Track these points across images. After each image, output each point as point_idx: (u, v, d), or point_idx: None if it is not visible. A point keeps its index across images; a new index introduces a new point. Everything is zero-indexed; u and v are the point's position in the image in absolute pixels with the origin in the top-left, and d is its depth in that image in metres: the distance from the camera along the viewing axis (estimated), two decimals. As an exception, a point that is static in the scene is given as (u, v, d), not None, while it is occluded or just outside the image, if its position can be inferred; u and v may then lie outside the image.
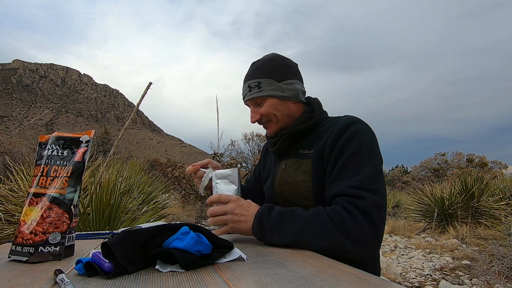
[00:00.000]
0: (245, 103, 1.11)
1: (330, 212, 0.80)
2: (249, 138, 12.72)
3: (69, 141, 0.80)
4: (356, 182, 0.83)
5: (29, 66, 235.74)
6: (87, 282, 0.54)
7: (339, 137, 0.92)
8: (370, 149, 0.90)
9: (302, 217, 0.82)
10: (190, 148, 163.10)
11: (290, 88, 1.05)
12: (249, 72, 1.09)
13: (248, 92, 1.06)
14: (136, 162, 6.16)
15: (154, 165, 13.65)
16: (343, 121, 0.96)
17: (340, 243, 0.77)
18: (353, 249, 0.77)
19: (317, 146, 0.99)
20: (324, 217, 0.79)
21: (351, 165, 0.87)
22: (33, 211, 0.72)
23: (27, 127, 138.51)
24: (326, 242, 0.77)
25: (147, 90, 2.83)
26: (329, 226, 0.78)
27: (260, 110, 1.06)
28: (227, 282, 0.52)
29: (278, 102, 1.05)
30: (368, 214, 0.78)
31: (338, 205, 0.83)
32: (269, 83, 1.03)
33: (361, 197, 0.80)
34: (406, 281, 2.99)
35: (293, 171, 1.02)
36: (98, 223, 2.25)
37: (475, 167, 16.55)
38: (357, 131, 0.92)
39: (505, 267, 2.83)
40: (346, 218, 0.78)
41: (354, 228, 0.77)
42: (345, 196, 0.83)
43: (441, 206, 5.59)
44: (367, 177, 0.84)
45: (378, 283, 0.50)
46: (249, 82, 1.06)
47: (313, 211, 0.83)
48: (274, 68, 1.05)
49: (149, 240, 0.64)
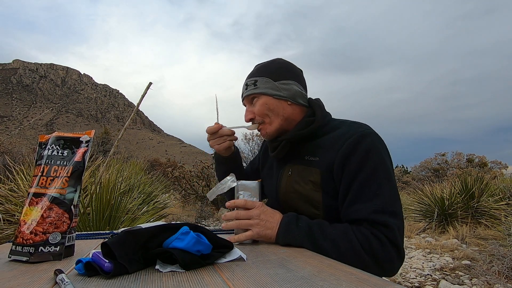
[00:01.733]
0: (242, 103, 1.11)
1: (359, 236, 0.81)
2: (249, 138, 12.73)
3: (69, 141, 0.80)
4: (378, 206, 0.84)
5: (29, 66, 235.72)
6: (87, 282, 0.54)
7: (352, 152, 0.89)
8: (386, 167, 0.89)
9: (332, 235, 0.81)
10: (190, 148, 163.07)
11: (286, 88, 1.03)
12: (251, 72, 1.09)
13: (244, 91, 1.07)
14: (136, 162, 6.16)
15: (154, 165, 13.65)
16: (354, 133, 0.92)
17: (368, 267, 0.80)
18: (379, 273, 0.81)
19: (325, 155, 0.95)
20: (353, 240, 0.80)
21: (370, 186, 0.86)
22: (33, 211, 0.72)
23: (27, 127, 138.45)
24: (357, 264, 0.79)
25: (147, 90, 2.83)
26: (358, 250, 0.80)
27: (254, 109, 1.04)
28: (227, 282, 0.52)
29: (272, 101, 1.02)
30: (395, 243, 0.82)
31: (367, 230, 0.83)
32: (265, 81, 1.03)
33: (387, 225, 0.82)
34: (406, 281, 2.99)
35: (301, 180, 0.98)
36: (98, 223, 2.25)
37: (475, 167, 16.55)
38: (371, 147, 0.89)
39: (505, 267, 2.83)
40: (375, 244, 0.80)
41: (383, 255, 0.80)
42: (372, 222, 0.84)
43: (441, 206, 5.59)
44: (387, 199, 0.85)
45: (378, 283, 0.50)
46: (247, 80, 1.06)
47: (341, 231, 0.83)
48: (273, 69, 1.05)
49: (149, 240, 0.64)
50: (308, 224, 0.84)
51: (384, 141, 0.94)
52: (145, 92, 2.84)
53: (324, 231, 0.83)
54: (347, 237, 0.81)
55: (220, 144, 1.12)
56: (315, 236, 0.82)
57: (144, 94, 2.85)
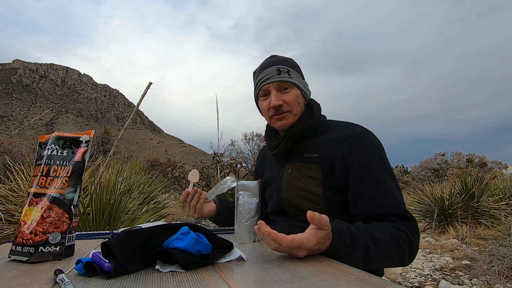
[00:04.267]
0: (263, 86, 1.05)
1: (401, 234, 0.85)
2: (249, 138, 12.72)
3: (69, 141, 0.80)
4: (398, 200, 0.90)
5: (29, 66, 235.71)
6: (87, 282, 0.54)
7: (355, 150, 0.93)
8: (387, 163, 0.96)
9: (383, 242, 0.81)
10: (190, 148, 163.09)
11: (308, 88, 1.11)
12: (277, 59, 1.08)
13: (276, 75, 1.03)
14: (136, 162, 6.16)
15: (154, 165, 13.65)
16: (354, 132, 0.96)
17: (405, 261, 0.87)
18: (409, 262, 0.88)
19: (325, 152, 0.98)
20: (399, 241, 0.83)
21: (383, 181, 0.91)
22: (33, 211, 0.72)
23: (27, 127, 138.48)
24: (396, 262, 0.86)
25: (147, 90, 2.83)
26: (403, 249, 0.84)
27: (285, 97, 1.03)
28: (227, 282, 0.52)
29: (300, 96, 1.06)
30: (419, 233, 0.90)
31: (402, 226, 0.87)
32: (297, 75, 1.07)
33: (410, 218, 0.90)
34: (406, 281, 2.99)
35: (301, 176, 1.00)
36: (98, 223, 2.25)
37: (475, 167, 16.54)
38: (374, 144, 0.95)
39: (505, 267, 2.83)
40: (413, 241, 0.86)
41: (415, 247, 0.87)
42: (399, 216, 0.89)
43: (441, 206, 5.59)
44: (398, 193, 0.92)
45: (378, 283, 0.50)
46: (279, 66, 1.04)
47: (387, 233, 0.83)
48: (298, 67, 1.10)
49: (149, 240, 0.64)
50: (364, 242, 0.77)
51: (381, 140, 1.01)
52: (145, 92, 2.84)
53: (376, 241, 0.79)
54: (394, 239, 0.83)
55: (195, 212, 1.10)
56: (371, 252, 0.77)
57: (144, 94, 2.85)
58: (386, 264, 0.85)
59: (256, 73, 1.11)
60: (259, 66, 1.11)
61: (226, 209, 1.21)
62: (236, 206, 0.96)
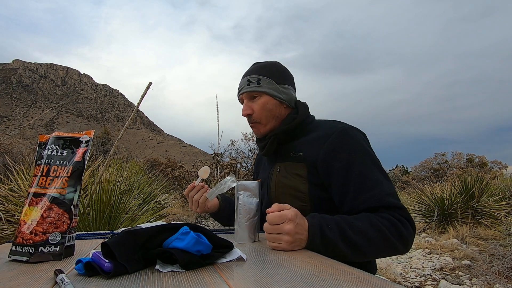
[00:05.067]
0: (239, 97, 1.13)
1: (385, 222, 0.85)
2: (249, 138, 12.71)
3: (69, 141, 0.80)
4: (385, 191, 0.89)
5: (29, 66, 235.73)
6: (87, 282, 0.54)
7: (337, 148, 0.94)
8: (372, 155, 0.97)
9: (360, 227, 0.82)
10: (190, 148, 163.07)
11: (286, 92, 1.10)
12: (251, 69, 1.12)
13: (246, 86, 1.08)
14: (136, 162, 6.16)
15: (154, 165, 13.65)
16: (335, 130, 0.98)
17: (397, 249, 0.86)
18: (403, 250, 0.87)
19: (308, 150, 1.01)
20: (381, 227, 0.83)
21: (368, 175, 0.91)
22: (33, 211, 0.72)
23: (27, 127, 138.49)
24: (386, 250, 0.86)
25: (147, 90, 2.83)
26: (387, 236, 0.83)
27: (254, 106, 1.08)
28: (227, 282, 0.52)
29: (272, 102, 1.08)
30: (410, 221, 0.89)
31: (387, 215, 0.87)
32: (268, 82, 1.07)
33: (400, 206, 0.89)
34: (406, 281, 2.99)
35: (288, 174, 1.04)
36: (98, 223, 2.25)
37: (475, 167, 16.54)
38: (355, 140, 0.96)
39: (505, 267, 2.83)
40: (399, 226, 0.86)
41: (406, 234, 0.86)
42: (387, 206, 0.89)
43: (441, 206, 5.59)
44: (386, 183, 0.91)
45: (378, 283, 0.50)
46: (250, 76, 1.08)
47: (367, 221, 0.84)
48: (275, 72, 1.10)
49: (149, 240, 0.64)
50: (337, 224, 0.82)
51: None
52: (145, 92, 2.84)
53: (353, 226, 0.82)
54: (375, 226, 0.83)
55: (197, 206, 1.14)
56: (347, 234, 0.81)
57: (144, 94, 2.85)
58: (375, 252, 0.85)
59: None
60: None
61: (228, 205, 1.24)
62: (236, 206, 0.97)
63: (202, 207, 1.13)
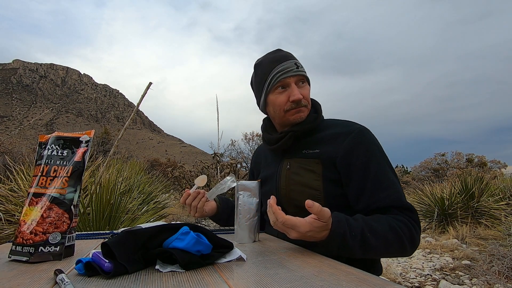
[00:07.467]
0: (282, 79, 1.03)
1: (402, 225, 0.86)
2: (249, 138, 12.71)
3: (69, 141, 0.80)
4: (399, 193, 0.92)
5: (29, 66, 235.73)
6: (87, 282, 0.54)
7: (357, 146, 0.96)
8: (387, 157, 0.99)
9: (381, 232, 0.82)
10: (190, 148, 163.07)
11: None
12: (289, 54, 1.09)
13: (295, 68, 1.04)
14: (136, 162, 6.16)
15: (154, 165, 13.65)
16: (354, 129, 0.99)
17: (406, 252, 0.87)
18: (410, 253, 0.89)
19: (326, 148, 0.99)
20: (399, 231, 0.84)
21: (384, 175, 0.93)
22: (33, 211, 0.72)
23: (27, 127, 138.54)
24: (396, 253, 0.87)
25: (147, 90, 2.83)
26: (403, 240, 0.84)
27: (302, 91, 1.05)
28: (227, 282, 0.52)
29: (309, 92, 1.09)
30: (419, 224, 0.91)
31: (402, 217, 0.88)
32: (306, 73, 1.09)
33: (411, 209, 0.91)
34: (406, 281, 2.99)
35: (301, 171, 1.01)
36: (98, 223, 2.25)
37: (474, 167, 16.54)
38: (373, 140, 0.98)
39: (505, 267, 2.83)
40: (413, 232, 0.87)
41: (417, 238, 0.88)
42: (400, 208, 0.90)
43: (441, 206, 5.59)
44: (398, 185, 0.94)
45: (378, 283, 0.50)
46: (295, 61, 1.06)
47: (386, 224, 0.84)
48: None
49: (149, 240, 0.64)
50: (362, 232, 0.79)
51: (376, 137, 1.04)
52: (145, 92, 2.84)
53: (375, 231, 0.81)
54: (393, 230, 0.83)
55: (196, 211, 1.12)
56: (368, 241, 0.79)
57: (144, 94, 2.85)
58: (386, 254, 0.86)
59: (267, 66, 1.07)
60: (270, 59, 1.07)
61: (226, 207, 1.22)
62: (236, 206, 0.97)
63: (200, 212, 1.12)
